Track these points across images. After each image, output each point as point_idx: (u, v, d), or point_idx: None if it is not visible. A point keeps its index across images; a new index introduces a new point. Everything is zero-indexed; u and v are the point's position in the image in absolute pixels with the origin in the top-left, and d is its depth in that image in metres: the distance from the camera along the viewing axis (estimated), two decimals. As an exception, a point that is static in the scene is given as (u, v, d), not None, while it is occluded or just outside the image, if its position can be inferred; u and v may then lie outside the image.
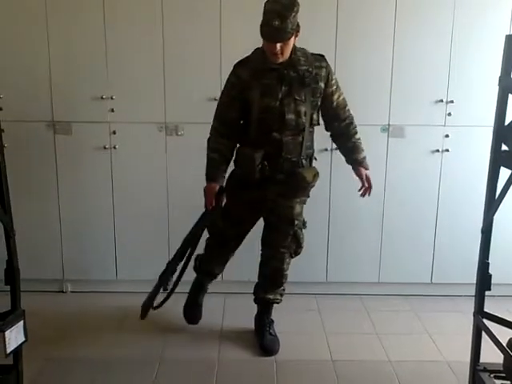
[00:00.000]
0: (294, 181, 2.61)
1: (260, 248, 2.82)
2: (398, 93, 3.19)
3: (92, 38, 3.12)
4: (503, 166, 1.96)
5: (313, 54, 2.59)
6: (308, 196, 2.73)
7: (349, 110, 2.71)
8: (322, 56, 2.61)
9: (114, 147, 3.23)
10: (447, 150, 3.25)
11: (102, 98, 3.16)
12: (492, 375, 2.04)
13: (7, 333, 1.88)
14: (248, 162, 2.56)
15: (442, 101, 3.19)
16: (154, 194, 3.30)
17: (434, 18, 3.12)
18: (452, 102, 3.19)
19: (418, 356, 2.75)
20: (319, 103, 2.61)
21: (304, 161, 2.64)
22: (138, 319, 2.67)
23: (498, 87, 1.98)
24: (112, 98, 3.17)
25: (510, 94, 1.96)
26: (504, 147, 1.97)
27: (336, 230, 3.37)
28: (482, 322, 2.05)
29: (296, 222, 2.70)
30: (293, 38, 2.40)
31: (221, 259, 2.90)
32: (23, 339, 1.98)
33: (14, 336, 1.93)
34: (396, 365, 2.66)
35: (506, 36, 1.93)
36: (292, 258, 2.79)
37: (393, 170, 3.28)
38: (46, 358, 2.66)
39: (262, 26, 2.34)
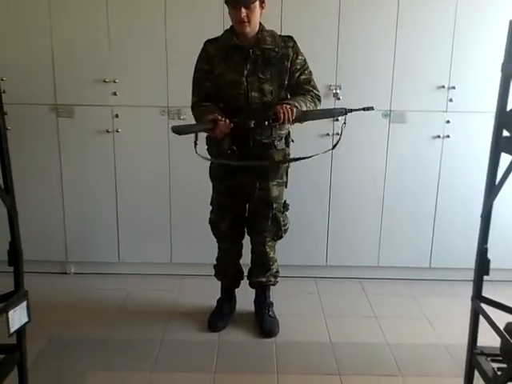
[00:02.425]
0: (266, 163, 2.59)
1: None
2: (399, 78, 3.18)
3: (95, 21, 3.11)
4: (504, 151, 1.96)
5: (281, 36, 2.60)
6: (282, 178, 2.69)
7: (314, 87, 2.63)
8: (290, 37, 2.60)
9: (117, 131, 3.24)
10: (448, 136, 3.25)
11: (104, 81, 3.16)
12: (489, 359, 2.05)
13: (11, 313, 1.90)
14: (217, 149, 2.57)
15: (443, 87, 3.19)
16: (155, 177, 3.32)
17: (437, 3, 3.10)
18: (454, 87, 3.18)
19: (416, 339, 2.78)
20: (286, 82, 2.59)
21: (277, 142, 2.62)
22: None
23: (500, 73, 1.97)
24: (115, 82, 3.17)
25: None
26: (505, 133, 1.98)
27: (336, 214, 3.38)
28: (480, 307, 2.06)
29: (274, 206, 2.69)
30: (258, 6, 2.41)
31: (229, 258, 2.85)
32: (26, 319, 2.00)
33: (18, 316, 1.95)
34: (394, 347, 2.69)
35: (510, 21, 1.92)
36: (275, 241, 2.79)
37: (394, 155, 3.29)
38: (48, 338, 2.69)
39: None
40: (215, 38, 2.59)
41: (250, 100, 2.51)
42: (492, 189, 2.02)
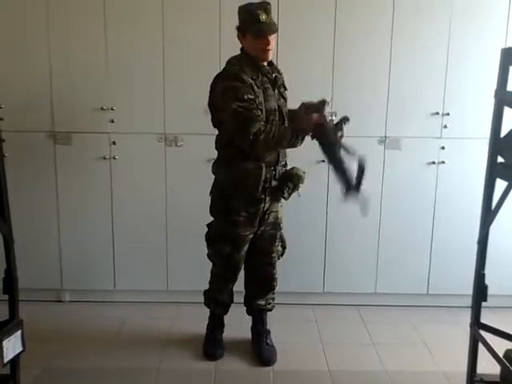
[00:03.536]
0: (282, 184, 2.62)
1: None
2: (394, 105, 3.22)
3: (93, 48, 3.15)
4: (499, 177, 1.98)
5: None
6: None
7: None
8: None
9: (114, 158, 3.25)
10: (443, 162, 3.27)
11: (102, 108, 3.18)
12: (489, 386, 2.05)
13: (5, 342, 1.89)
14: (253, 179, 2.52)
15: (437, 113, 3.22)
16: (152, 204, 3.31)
17: (431, 30, 3.16)
18: (448, 114, 3.22)
19: (415, 366, 2.76)
20: None
21: (287, 161, 2.70)
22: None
23: (493, 100, 2.00)
24: (112, 109, 3.19)
25: (505, 107, 1.98)
26: (500, 159, 1.99)
27: (333, 240, 3.38)
28: (479, 333, 2.06)
29: (282, 226, 2.78)
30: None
31: (227, 284, 2.81)
32: (21, 349, 1.98)
33: (12, 345, 1.93)
34: (393, 375, 2.66)
35: (502, 49, 1.96)
36: (278, 259, 2.84)
37: (389, 181, 3.30)
38: (43, 367, 2.65)
39: (250, 25, 2.41)
40: (237, 68, 2.46)
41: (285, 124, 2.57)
42: (488, 214, 2.03)
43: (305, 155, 2.86)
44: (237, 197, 2.58)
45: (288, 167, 2.71)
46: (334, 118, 2.47)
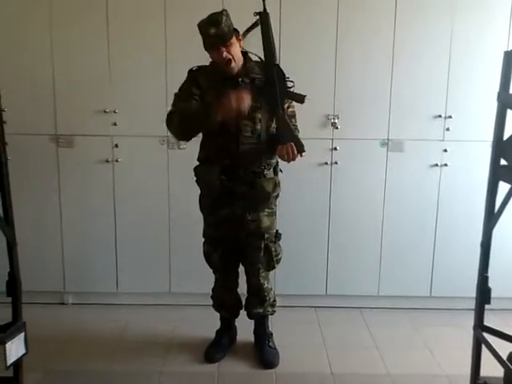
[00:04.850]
0: (255, 192, 2.56)
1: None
2: (397, 108, 3.22)
3: (95, 52, 3.16)
4: (502, 180, 1.98)
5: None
6: (272, 208, 2.67)
7: (296, 124, 2.64)
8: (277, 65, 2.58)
9: (117, 160, 3.26)
10: (446, 165, 3.27)
11: (104, 111, 3.19)
12: (492, 389, 2.04)
13: (8, 345, 1.89)
14: (206, 180, 2.58)
15: (440, 116, 3.22)
16: (155, 207, 3.32)
17: (433, 33, 3.16)
18: (450, 117, 3.22)
19: (418, 370, 2.75)
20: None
21: (267, 171, 2.60)
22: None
23: (496, 102, 2.00)
24: (115, 112, 3.20)
25: (508, 109, 1.98)
26: (503, 162, 1.99)
27: (335, 243, 3.38)
28: (482, 336, 2.05)
29: (266, 236, 2.65)
30: (235, 41, 2.43)
31: (225, 288, 2.82)
32: (24, 351, 1.98)
33: (15, 348, 1.93)
34: (396, 378, 2.66)
35: (505, 52, 1.96)
36: (268, 271, 2.74)
37: (392, 184, 3.30)
38: (46, 370, 2.65)
39: (203, 40, 2.41)
40: (199, 67, 2.56)
41: (241, 127, 2.49)
42: (491, 217, 2.03)
43: (306, 157, 2.86)
44: (202, 198, 2.67)
45: (278, 172, 2.69)
46: None
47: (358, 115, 3.22)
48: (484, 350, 2.04)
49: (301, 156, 2.47)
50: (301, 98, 2.50)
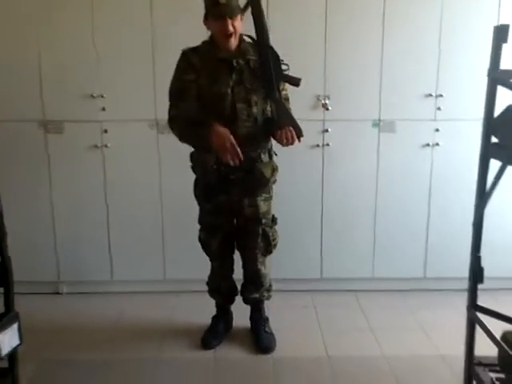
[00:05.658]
0: (253, 178, 2.55)
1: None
2: (387, 88, 3.20)
3: (81, 35, 3.11)
4: (493, 158, 1.97)
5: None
6: (270, 192, 2.65)
7: (289, 104, 2.62)
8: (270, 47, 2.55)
9: (106, 146, 3.23)
10: (437, 144, 3.26)
11: (92, 96, 3.15)
12: (487, 368, 2.04)
13: (1, 335, 1.87)
14: (202, 166, 2.56)
15: (431, 95, 3.20)
16: (147, 192, 3.30)
17: (423, 11, 3.12)
18: (441, 96, 3.20)
19: (413, 350, 2.76)
20: None
21: (263, 155, 2.58)
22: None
23: (486, 79, 1.98)
24: (102, 97, 3.16)
25: (498, 86, 1.96)
26: (494, 139, 1.98)
27: (329, 226, 3.37)
28: (476, 316, 2.05)
29: (264, 221, 2.64)
30: (240, 17, 2.41)
31: (221, 275, 2.82)
32: (18, 342, 1.97)
33: (9, 339, 1.92)
34: (391, 360, 2.67)
35: (495, 27, 1.93)
36: (265, 256, 2.74)
37: (384, 164, 3.29)
38: (42, 360, 2.65)
39: (209, 7, 2.38)
40: (194, 47, 2.52)
41: (237, 111, 2.47)
42: (482, 196, 2.02)
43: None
44: (198, 183, 2.64)
45: (273, 156, 2.67)
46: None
47: (349, 96, 3.19)
48: (478, 329, 2.04)
49: (299, 141, 2.46)
50: (296, 82, 2.48)
